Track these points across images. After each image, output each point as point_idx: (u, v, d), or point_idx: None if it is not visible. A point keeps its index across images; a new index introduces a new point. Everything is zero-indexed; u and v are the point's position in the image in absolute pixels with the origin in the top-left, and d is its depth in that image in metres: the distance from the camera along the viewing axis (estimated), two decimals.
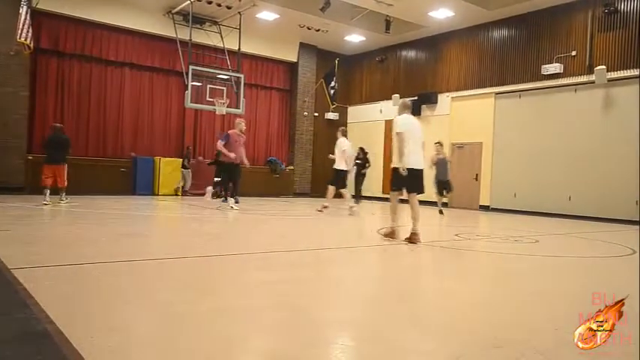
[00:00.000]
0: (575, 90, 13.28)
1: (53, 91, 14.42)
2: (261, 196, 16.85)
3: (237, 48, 15.55)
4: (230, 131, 11.37)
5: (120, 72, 15.52)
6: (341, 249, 6.77)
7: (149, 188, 15.00)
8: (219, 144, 10.98)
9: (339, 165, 11.17)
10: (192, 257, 5.34)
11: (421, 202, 7.13)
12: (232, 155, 10.92)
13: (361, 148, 15.29)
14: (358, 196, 14.53)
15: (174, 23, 15.40)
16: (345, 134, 11.61)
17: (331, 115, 19.48)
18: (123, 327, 2.83)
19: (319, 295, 3.92)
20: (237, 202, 11.42)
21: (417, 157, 6.75)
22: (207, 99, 15.37)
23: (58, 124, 11.47)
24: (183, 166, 15.44)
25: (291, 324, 3.08)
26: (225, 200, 12.11)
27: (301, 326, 3.06)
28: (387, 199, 17.88)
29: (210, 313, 3.17)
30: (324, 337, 2.90)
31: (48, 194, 10.22)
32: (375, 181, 18.57)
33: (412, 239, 6.70)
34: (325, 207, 11.09)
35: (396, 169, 6.75)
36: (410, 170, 6.60)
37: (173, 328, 2.86)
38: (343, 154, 11.21)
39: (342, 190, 11.57)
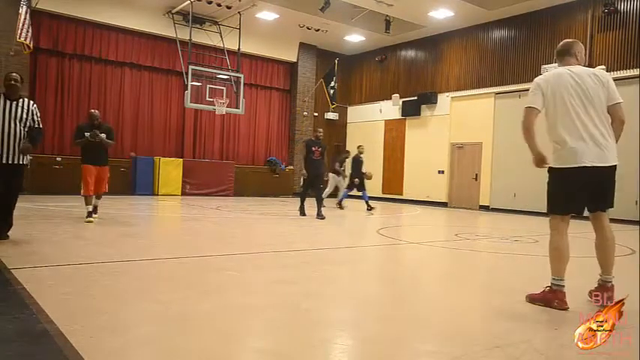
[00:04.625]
0: None
1: (53, 91, 14.42)
2: (261, 195, 16.86)
3: (237, 48, 15.55)
4: None
5: (120, 72, 15.52)
6: (341, 249, 6.78)
7: (149, 188, 14.99)
8: None
9: None
10: (192, 257, 5.33)
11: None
12: None
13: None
14: None
15: (174, 23, 15.40)
16: None
17: (331, 115, 19.48)
18: (123, 327, 2.83)
19: (319, 294, 3.91)
20: None
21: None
22: (207, 99, 15.38)
23: (95, 111, 8.34)
24: (335, 171, 13.26)
25: (291, 324, 3.08)
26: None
27: (301, 326, 3.06)
28: (386, 199, 17.97)
29: (210, 313, 3.17)
30: (324, 337, 2.90)
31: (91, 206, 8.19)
32: (374, 180, 18.57)
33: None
34: None
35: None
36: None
37: (173, 328, 2.86)
38: None
39: None
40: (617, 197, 3.81)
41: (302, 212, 10.32)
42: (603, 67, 12.42)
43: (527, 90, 3.82)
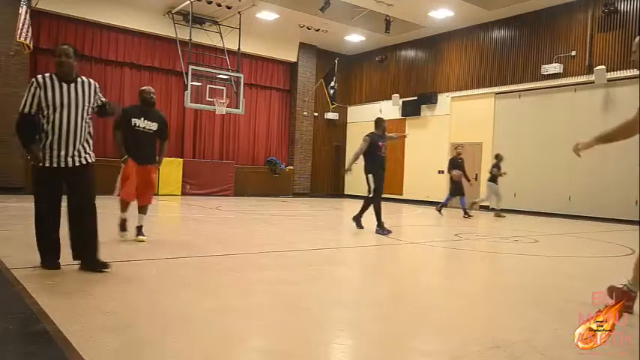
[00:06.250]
0: (575, 90, 13.28)
1: None
2: (261, 195, 16.86)
3: (237, 48, 15.55)
4: None
5: (120, 72, 15.51)
6: (341, 249, 6.78)
7: None
8: None
9: None
10: (192, 257, 5.33)
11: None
12: None
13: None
14: None
15: (174, 23, 15.39)
16: None
17: (331, 115, 19.49)
18: (123, 327, 2.83)
19: (319, 294, 3.91)
20: None
21: None
22: (207, 99, 15.38)
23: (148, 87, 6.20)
24: (492, 180, 12.89)
25: (291, 324, 3.08)
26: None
27: (301, 326, 3.06)
28: (386, 199, 17.95)
29: (211, 313, 3.17)
30: (324, 337, 2.90)
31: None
32: None
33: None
34: None
35: None
36: None
37: (173, 328, 2.86)
38: None
39: None
40: (617, 197, 3.80)
41: (359, 223, 8.33)
42: (603, 67, 12.43)
43: (528, 90, 3.81)
